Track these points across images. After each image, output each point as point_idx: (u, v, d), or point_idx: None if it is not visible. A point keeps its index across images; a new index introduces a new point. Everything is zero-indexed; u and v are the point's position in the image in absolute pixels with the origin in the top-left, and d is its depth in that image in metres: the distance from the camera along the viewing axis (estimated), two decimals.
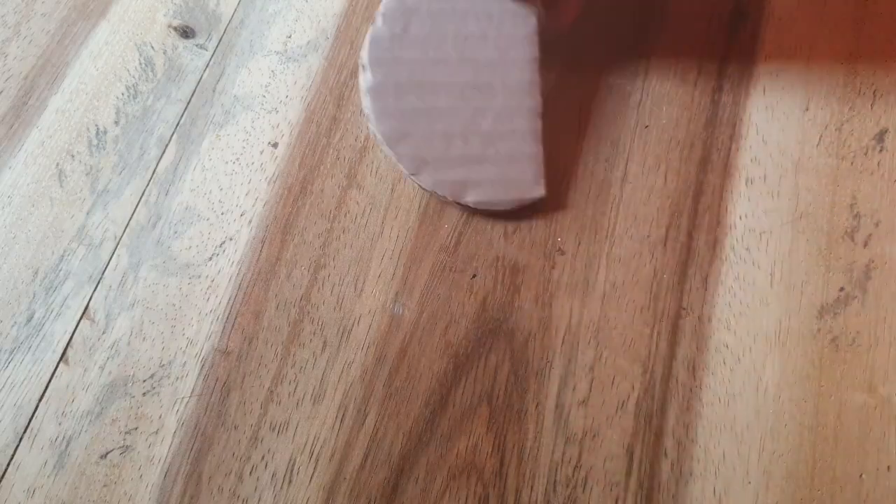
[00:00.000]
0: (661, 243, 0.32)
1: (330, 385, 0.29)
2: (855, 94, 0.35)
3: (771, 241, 0.32)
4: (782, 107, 0.34)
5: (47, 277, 0.31)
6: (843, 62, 0.35)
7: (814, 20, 0.36)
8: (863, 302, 0.31)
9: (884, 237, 0.32)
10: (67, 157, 0.33)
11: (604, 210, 0.33)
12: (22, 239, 0.31)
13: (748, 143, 0.34)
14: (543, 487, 0.28)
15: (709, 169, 0.33)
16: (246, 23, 0.36)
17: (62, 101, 0.34)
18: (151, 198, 0.32)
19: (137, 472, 0.28)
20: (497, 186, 0.32)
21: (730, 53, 0.36)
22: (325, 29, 0.36)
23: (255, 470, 0.28)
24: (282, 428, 0.29)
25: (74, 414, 0.29)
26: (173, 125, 0.34)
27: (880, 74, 0.35)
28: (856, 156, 0.33)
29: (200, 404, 0.29)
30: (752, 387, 0.29)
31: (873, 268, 0.31)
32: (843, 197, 0.33)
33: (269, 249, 0.32)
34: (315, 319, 0.30)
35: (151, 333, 0.30)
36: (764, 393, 0.29)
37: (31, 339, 0.30)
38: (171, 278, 0.31)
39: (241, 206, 0.32)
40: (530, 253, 0.32)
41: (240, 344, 0.30)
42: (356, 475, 0.28)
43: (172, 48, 0.36)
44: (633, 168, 0.33)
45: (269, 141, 0.34)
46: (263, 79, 0.35)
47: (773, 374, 0.29)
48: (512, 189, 0.32)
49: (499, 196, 0.31)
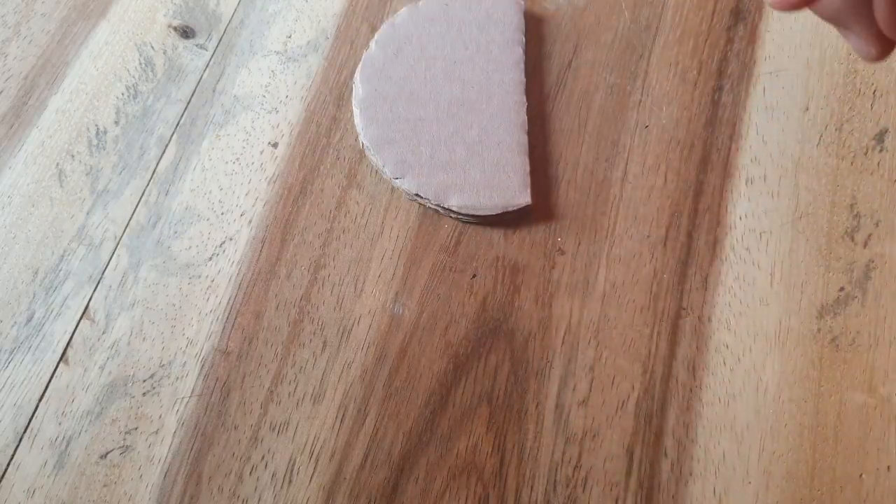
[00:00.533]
0: (661, 243, 0.32)
1: (330, 385, 0.29)
2: (855, 94, 0.35)
3: (771, 241, 0.32)
4: (782, 107, 0.34)
5: (47, 277, 0.31)
6: (843, 62, 0.35)
7: (814, 20, 0.36)
8: (863, 302, 0.31)
9: (884, 237, 0.32)
10: (67, 157, 0.33)
11: (604, 210, 0.33)
12: (22, 239, 0.31)
13: (748, 143, 0.34)
14: (543, 487, 0.28)
15: (709, 169, 0.33)
16: (246, 23, 0.36)
17: (62, 101, 0.34)
18: (151, 198, 0.32)
19: (137, 472, 0.28)
20: (482, 192, 0.32)
21: (730, 53, 0.36)
22: (325, 29, 0.36)
23: (255, 470, 0.28)
24: (282, 428, 0.29)
25: (74, 414, 0.29)
26: (173, 125, 0.34)
27: (880, 74, 0.35)
28: (856, 156, 0.33)
29: (200, 404, 0.29)
30: (752, 387, 0.29)
31: (873, 268, 0.31)
32: (843, 197, 0.33)
33: (269, 249, 0.32)
34: (315, 319, 0.30)
35: (151, 333, 0.30)
36: (764, 393, 0.29)
37: (31, 339, 0.30)
38: (171, 278, 0.31)
39: (241, 206, 0.32)
40: (530, 253, 0.32)
41: (240, 344, 0.30)
42: (356, 475, 0.28)
43: (172, 48, 0.36)
44: (633, 168, 0.33)
45: (269, 141, 0.34)
46: (263, 79, 0.35)
47: (773, 374, 0.29)
48: (497, 195, 0.32)
49: (483, 201, 0.31)
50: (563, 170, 0.33)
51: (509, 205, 0.31)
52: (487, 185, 0.32)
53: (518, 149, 0.32)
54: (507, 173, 0.32)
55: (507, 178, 0.32)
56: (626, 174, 0.33)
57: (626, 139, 0.34)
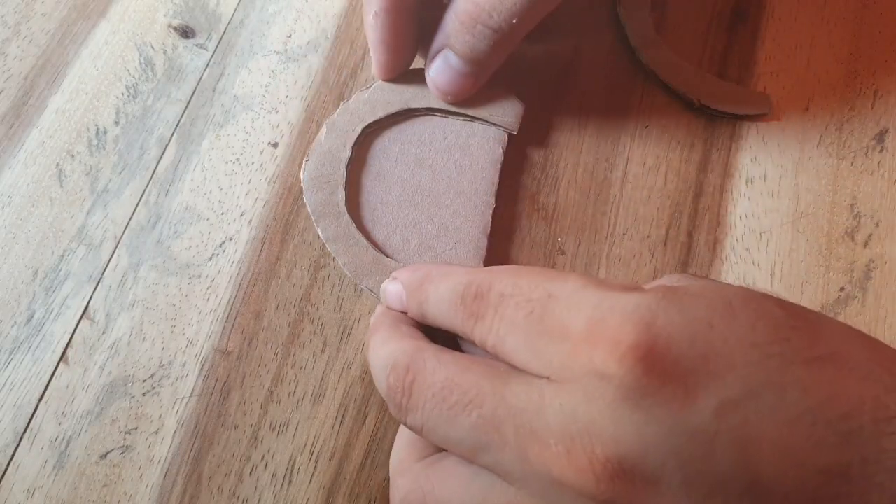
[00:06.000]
0: (661, 243, 0.32)
1: (330, 385, 0.29)
2: (855, 94, 0.35)
3: (771, 241, 0.32)
4: (782, 107, 0.34)
5: (47, 277, 0.31)
6: (843, 62, 0.35)
7: (814, 20, 0.36)
8: (863, 302, 0.31)
9: (884, 237, 0.32)
10: (67, 157, 0.33)
11: (604, 210, 0.33)
12: (22, 239, 0.31)
13: (748, 142, 0.34)
14: None
15: (709, 169, 0.33)
16: (246, 23, 0.36)
17: (62, 101, 0.34)
18: (151, 198, 0.32)
19: (137, 472, 0.28)
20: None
21: (730, 53, 0.36)
22: (325, 29, 0.36)
23: (255, 470, 0.28)
24: (282, 428, 0.29)
25: (74, 414, 0.29)
26: (173, 125, 0.34)
27: (880, 74, 0.35)
28: (856, 156, 0.33)
29: (200, 404, 0.29)
30: None
31: (873, 268, 0.31)
32: (843, 197, 0.33)
33: (269, 249, 0.32)
34: (315, 319, 0.30)
35: (151, 333, 0.30)
36: None
37: (31, 339, 0.30)
38: (171, 278, 0.31)
39: (241, 206, 0.32)
40: (530, 253, 0.32)
41: (240, 344, 0.30)
42: (356, 475, 0.28)
43: (172, 48, 0.36)
44: (633, 168, 0.33)
45: (269, 141, 0.34)
46: (263, 79, 0.35)
47: None
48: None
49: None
50: (563, 170, 0.33)
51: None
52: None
53: (474, 252, 0.30)
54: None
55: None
56: (626, 174, 0.33)
57: (626, 139, 0.34)
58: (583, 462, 0.18)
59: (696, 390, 0.18)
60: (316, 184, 0.31)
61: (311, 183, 0.31)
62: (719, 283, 0.22)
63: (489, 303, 0.22)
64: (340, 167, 0.31)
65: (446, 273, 0.24)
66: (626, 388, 0.18)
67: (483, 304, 0.22)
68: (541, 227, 0.32)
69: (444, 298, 0.24)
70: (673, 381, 0.18)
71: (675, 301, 0.20)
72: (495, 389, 0.21)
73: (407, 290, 0.26)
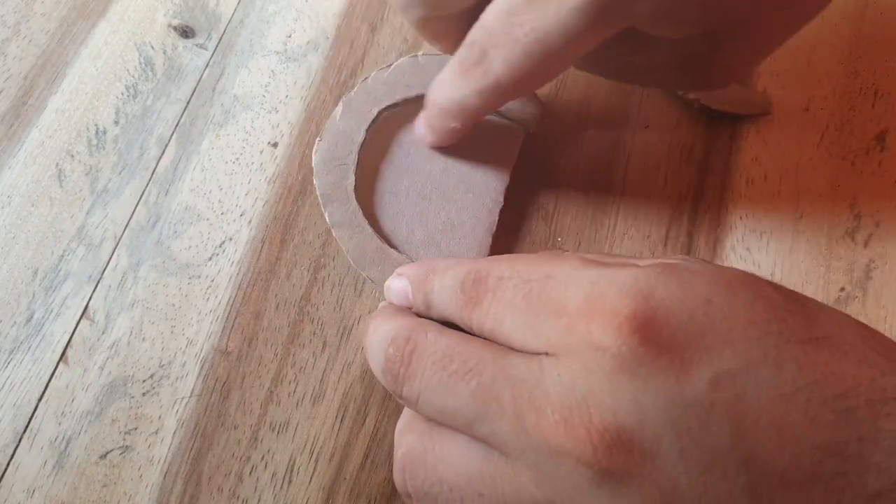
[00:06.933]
0: (661, 243, 0.32)
1: (330, 385, 0.29)
2: (855, 94, 0.35)
3: (771, 241, 0.32)
4: (782, 107, 0.34)
5: (47, 277, 0.31)
6: (843, 62, 0.35)
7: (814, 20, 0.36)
8: (863, 302, 0.31)
9: (884, 237, 0.32)
10: (67, 157, 0.33)
11: (604, 210, 0.33)
12: (21, 239, 0.31)
13: (748, 143, 0.34)
14: None
15: (709, 169, 0.33)
16: (246, 22, 0.36)
17: (62, 100, 0.34)
18: (151, 198, 0.32)
19: (137, 473, 0.28)
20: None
21: None
22: (325, 29, 0.36)
23: (254, 470, 0.28)
24: (282, 428, 0.29)
25: (74, 414, 0.29)
26: (173, 125, 0.34)
27: (880, 74, 0.35)
28: (856, 156, 0.33)
29: (200, 404, 0.29)
30: None
31: (873, 268, 0.31)
32: (843, 197, 0.33)
33: (269, 249, 0.32)
34: (315, 319, 0.30)
35: (151, 333, 0.30)
36: None
37: (31, 339, 0.30)
38: (171, 278, 0.31)
39: (240, 206, 0.32)
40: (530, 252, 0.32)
41: (240, 344, 0.30)
42: (356, 475, 0.28)
43: (172, 48, 0.36)
44: (633, 168, 0.33)
45: (269, 141, 0.34)
46: (263, 79, 0.35)
47: None
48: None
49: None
50: (563, 169, 0.33)
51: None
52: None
53: (477, 250, 0.30)
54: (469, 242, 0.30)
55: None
56: (627, 174, 0.33)
57: (626, 139, 0.34)
58: (580, 431, 0.18)
59: (691, 362, 0.18)
60: (327, 166, 0.30)
61: (322, 165, 0.30)
62: (718, 265, 0.22)
63: (487, 287, 0.22)
64: (353, 151, 0.30)
65: (452, 264, 0.24)
66: (623, 359, 0.18)
67: (481, 289, 0.22)
68: (541, 227, 0.32)
69: (446, 287, 0.23)
70: (669, 351, 0.18)
71: (674, 275, 0.20)
72: (495, 359, 0.21)
73: (413, 284, 0.25)
